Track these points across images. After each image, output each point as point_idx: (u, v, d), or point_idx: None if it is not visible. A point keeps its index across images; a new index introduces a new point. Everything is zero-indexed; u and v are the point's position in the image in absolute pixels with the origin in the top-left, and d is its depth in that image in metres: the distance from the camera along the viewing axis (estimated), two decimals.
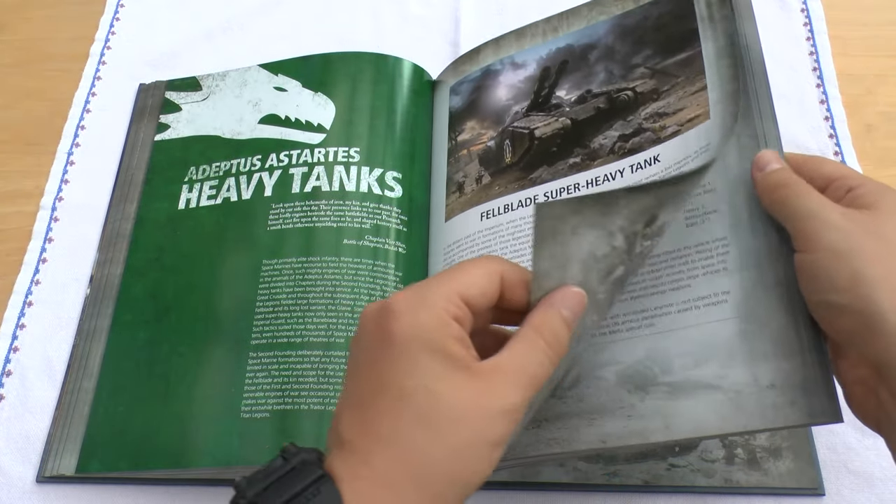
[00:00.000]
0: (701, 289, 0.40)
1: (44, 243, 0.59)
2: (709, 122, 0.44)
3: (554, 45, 0.54)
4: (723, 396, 0.38)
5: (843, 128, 0.60)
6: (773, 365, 0.37)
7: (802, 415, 0.36)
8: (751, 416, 0.37)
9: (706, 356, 0.39)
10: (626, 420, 0.40)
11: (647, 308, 0.42)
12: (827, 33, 0.64)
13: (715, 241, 0.41)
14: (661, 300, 0.41)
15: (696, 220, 0.42)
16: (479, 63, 0.57)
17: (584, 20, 0.53)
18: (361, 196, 0.54)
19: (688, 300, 0.41)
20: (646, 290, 0.42)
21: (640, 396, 0.40)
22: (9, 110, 0.66)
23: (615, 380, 0.41)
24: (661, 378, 0.40)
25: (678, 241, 0.42)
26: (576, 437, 0.40)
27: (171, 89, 0.64)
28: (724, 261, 0.40)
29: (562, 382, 0.42)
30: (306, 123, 0.58)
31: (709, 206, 0.42)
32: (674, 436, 0.38)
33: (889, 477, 0.48)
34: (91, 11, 0.71)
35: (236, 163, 0.58)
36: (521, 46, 0.55)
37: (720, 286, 0.40)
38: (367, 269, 0.51)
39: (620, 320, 0.42)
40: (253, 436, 0.47)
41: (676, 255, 0.42)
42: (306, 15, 0.70)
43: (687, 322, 0.40)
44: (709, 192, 0.42)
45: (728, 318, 0.39)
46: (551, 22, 0.55)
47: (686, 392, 0.39)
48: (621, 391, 0.40)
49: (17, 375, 0.54)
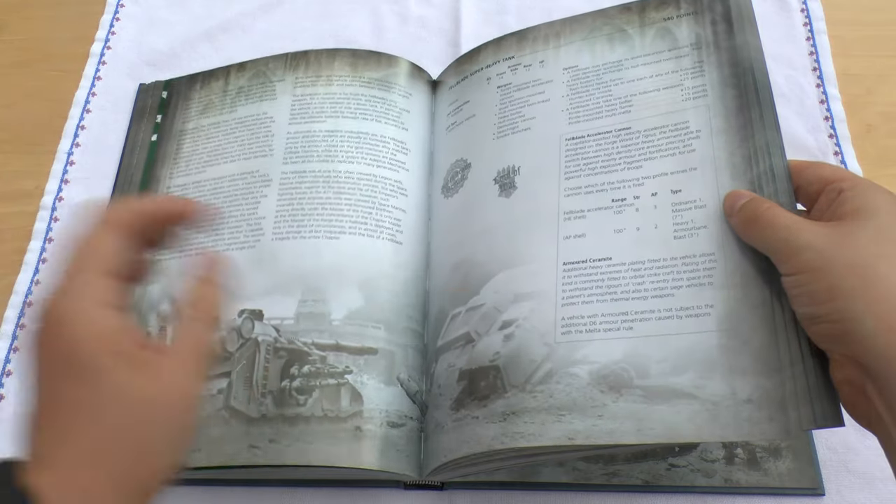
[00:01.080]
0: (684, 299, 0.41)
1: (44, 243, 0.59)
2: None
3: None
4: (699, 406, 0.38)
5: (843, 128, 0.60)
6: (753, 381, 0.38)
7: (779, 430, 0.37)
8: (725, 428, 0.37)
9: (685, 365, 0.39)
10: (596, 419, 0.40)
11: (627, 311, 0.42)
12: (827, 33, 0.65)
13: (702, 256, 0.42)
14: (643, 305, 0.42)
15: (684, 234, 0.43)
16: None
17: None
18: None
19: (670, 309, 0.41)
20: (627, 293, 0.42)
21: (614, 397, 0.40)
22: (9, 110, 0.66)
23: (588, 378, 0.41)
24: (636, 381, 0.40)
25: (664, 251, 0.43)
26: (543, 432, 0.40)
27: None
28: (711, 275, 0.41)
29: (532, 377, 0.42)
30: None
31: (698, 222, 0.43)
32: (645, 439, 0.38)
33: (889, 477, 0.47)
34: (91, 11, 0.71)
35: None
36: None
37: (704, 299, 0.41)
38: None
39: (599, 321, 0.42)
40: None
41: (662, 265, 0.42)
42: (306, 15, 0.70)
43: (668, 330, 0.41)
44: (700, 208, 0.43)
45: (710, 331, 0.40)
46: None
47: (661, 397, 0.39)
48: (594, 390, 0.40)
49: (17, 375, 0.54)
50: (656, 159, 0.46)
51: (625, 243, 0.44)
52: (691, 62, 0.48)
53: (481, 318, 0.46)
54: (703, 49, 0.48)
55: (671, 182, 0.45)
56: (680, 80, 0.48)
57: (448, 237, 0.52)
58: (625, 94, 0.49)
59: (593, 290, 0.43)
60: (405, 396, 0.48)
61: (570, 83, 0.52)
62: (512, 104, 0.53)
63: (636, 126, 0.48)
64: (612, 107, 0.49)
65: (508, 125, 0.52)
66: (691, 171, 0.44)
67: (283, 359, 0.49)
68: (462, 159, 0.54)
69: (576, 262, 0.45)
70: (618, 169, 0.47)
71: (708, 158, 0.44)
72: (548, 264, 0.45)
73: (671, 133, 0.46)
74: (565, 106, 0.51)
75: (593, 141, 0.48)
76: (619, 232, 0.44)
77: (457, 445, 0.43)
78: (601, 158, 0.48)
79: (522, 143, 0.51)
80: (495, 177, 0.51)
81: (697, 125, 0.46)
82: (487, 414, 0.42)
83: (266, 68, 0.61)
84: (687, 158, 0.45)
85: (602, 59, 0.52)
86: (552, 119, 0.51)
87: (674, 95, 0.48)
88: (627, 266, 0.43)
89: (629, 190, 0.46)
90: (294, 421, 0.46)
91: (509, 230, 0.48)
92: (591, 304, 0.43)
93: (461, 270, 0.49)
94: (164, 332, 0.52)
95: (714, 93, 0.46)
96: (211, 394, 0.48)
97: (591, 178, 0.47)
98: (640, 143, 0.47)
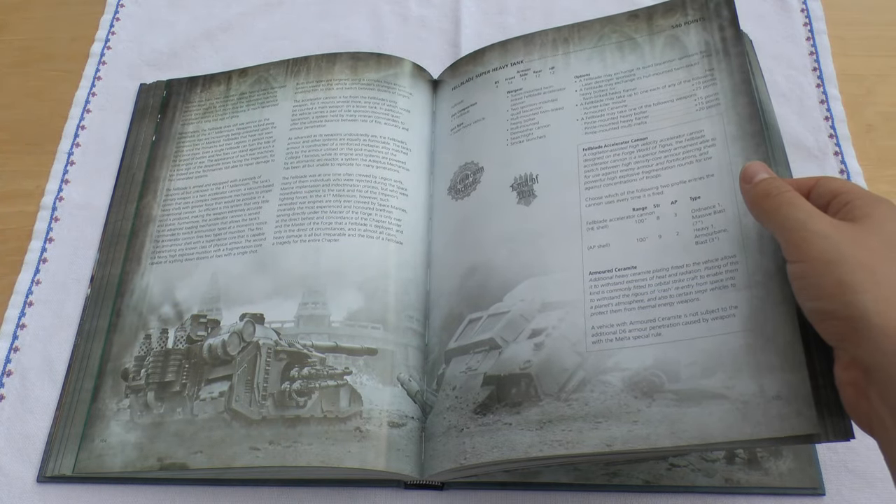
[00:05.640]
0: (709, 303, 0.42)
1: (44, 243, 0.59)
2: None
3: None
4: (730, 405, 0.39)
5: (843, 128, 0.60)
6: (779, 377, 0.38)
7: (809, 425, 0.37)
8: (757, 425, 0.38)
9: (713, 367, 0.40)
10: (631, 425, 0.41)
11: (654, 318, 0.43)
12: (827, 33, 0.65)
13: (724, 259, 0.43)
14: (670, 311, 0.43)
15: (705, 239, 0.44)
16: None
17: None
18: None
19: (696, 313, 0.42)
20: (653, 300, 0.43)
21: (647, 402, 0.41)
22: (9, 110, 0.66)
23: (621, 385, 0.42)
24: (667, 386, 0.41)
25: (687, 257, 0.44)
26: (580, 440, 0.41)
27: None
28: (733, 277, 0.42)
29: (566, 385, 0.42)
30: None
31: (718, 226, 0.44)
32: (679, 442, 0.39)
33: (889, 477, 0.47)
34: (91, 11, 0.71)
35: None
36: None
37: (728, 301, 0.41)
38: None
39: (628, 328, 0.43)
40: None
41: (685, 270, 0.43)
42: (306, 15, 0.70)
43: (695, 333, 0.42)
44: (719, 213, 0.44)
45: (736, 332, 0.41)
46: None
47: (693, 400, 0.40)
48: (628, 397, 0.41)
49: (17, 375, 0.54)
50: (674, 168, 0.47)
51: (648, 251, 0.45)
52: (702, 70, 0.50)
53: (507, 326, 0.47)
54: (713, 56, 0.49)
55: (689, 189, 0.46)
56: (692, 89, 0.49)
57: (458, 239, 0.52)
58: (639, 104, 0.50)
59: (621, 299, 0.44)
60: (406, 396, 0.48)
61: (583, 92, 0.53)
62: (524, 110, 0.54)
63: (652, 136, 0.49)
64: (627, 118, 0.50)
65: (522, 132, 0.53)
66: (709, 178, 0.46)
67: (284, 361, 0.49)
68: (473, 162, 0.54)
69: (602, 272, 0.46)
70: (637, 178, 0.48)
71: (724, 165, 0.46)
72: (574, 274, 0.46)
73: (687, 142, 0.48)
74: (580, 115, 0.52)
75: (611, 151, 0.50)
76: (641, 240, 0.46)
77: (486, 450, 0.44)
78: (620, 168, 0.49)
79: (538, 151, 0.52)
80: (512, 183, 0.51)
81: (713, 133, 0.47)
82: (521, 421, 0.43)
83: (267, 74, 0.61)
84: (704, 166, 0.46)
85: (614, 69, 0.53)
86: (567, 128, 0.52)
87: (688, 106, 0.49)
88: (652, 273, 0.44)
89: (649, 199, 0.47)
90: (294, 422, 0.46)
91: (532, 238, 0.49)
92: (619, 313, 0.44)
93: (478, 275, 0.49)
94: (166, 334, 0.52)
95: (726, 100, 0.48)
96: (213, 396, 0.49)
97: (611, 188, 0.48)
98: (657, 152, 0.48)
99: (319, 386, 0.47)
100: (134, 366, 0.52)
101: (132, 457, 0.48)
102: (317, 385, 0.47)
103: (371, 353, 0.48)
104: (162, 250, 0.55)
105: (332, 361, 0.48)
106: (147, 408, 0.50)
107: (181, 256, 0.55)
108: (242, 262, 0.53)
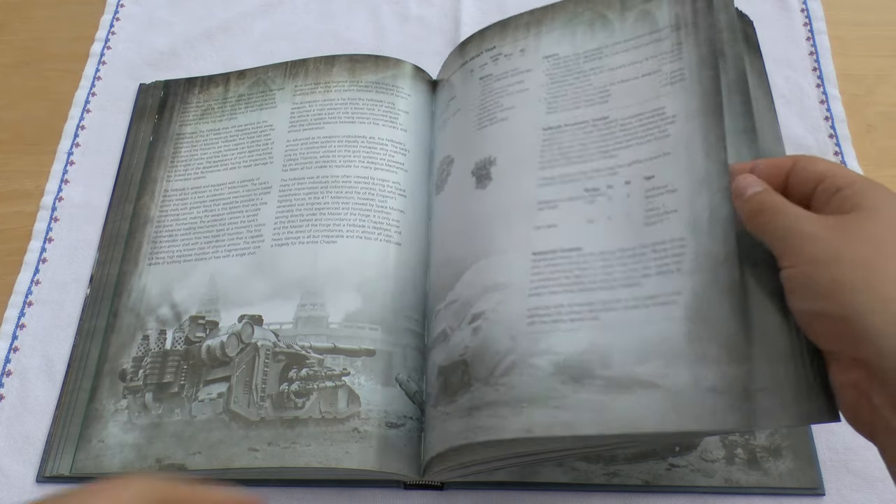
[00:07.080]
0: (652, 287, 0.40)
1: (44, 243, 0.59)
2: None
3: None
4: (661, 395, 0.37)
5: (843, 128, 0.60)
6: (717, 369, 0.36)
7: (741, 421, 0.35)
8: (685, 417, 0.36)
9: (649, 354, 0.38)
10: (555, 410, 0.39)
11: (593, 301, 0.41)
12: (827, 33, 0.64)
13: (672, 241, 0.40)
14: (611, 295, 0.41)
15: (654, 220, 0.41)
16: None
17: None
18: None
19: (638, 297, 0.40)
20: (595, 283, 0.41)
21: (574, 388, 0.39)
22: (9, 110, 0.66)
23: (551, 370, 0.40)
24: (598, 371, 0.39)
25: (635, 239, 0.42)
26: (503, 426, 0.40)
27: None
28: (679, 262, 0.40)
29: (495, 369, 0.41)
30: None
31: (669, 207, 0.41)
32: (604, 430, 0.37)
33: (889, 477, 0.47)
34: (91, 11, 0.71)
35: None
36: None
37: (672, 286, 0.39)
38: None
39: (565, 311, 0.41)
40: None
41: (632, 253, 0.41)
42: (306, 15, 0.70)
43: (634, 319, 0.40)
44: (671, 192, 0.42)
45: (676, 318, 0.38)
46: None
47: (623, 388, 0.38)
48: (555, 381, 0.40)
49: (17, 375, 0.54)
50: (632, 146, 0.45)
51: (596, 233, 0.43)
52: (670, 45, 0.46)
53: (454, 314, 0.46)
54: (682, 30, 0.46)
55: (644, 169, 0.43)
56: (658, 65, 0.46)
57: (437, 234, 0.52)
58: (603, 83, 0.48)
59: (562, 281, 0.42)
60: (404, 397, 0.48)
61: (549, 72, 0.50)
62: (491, 94, 0.52)
63: (614, 115, 0.46)
64: (590, 96, 0.48)
65: (487, 116, 0.51)
66: (664, 157, 0.43)
67: (282, 363, 0.49)
68: (448, 155, 0.53)
69: (545, 252, 0.44)
70: (593, 159, 0.45)
71: (681, 142, 0.43)
72: (519, 255, 0.44)
73: (648, 120, 0.45)
74: (543, 96, 0.49)
75: (570, 131, 0.47)
76: (590, 222, 0.43)
77: (436, 443, 0.43)
78: (576, 148, 0.46)
79: (500, 134, 0.50)
80: (473, 169, 0.50)
81: (674, 110, 0.44)
82: (456, 409, 0.42)
83: (266, 76, 0.61)
84: (661, 144, 0.44)
85: (583, 47, 0.50)
86: (530, 109, 0.49)
87: (652, 82, 0.46)
88: (597, 255, 0.42)
89: (602, 179, 0.44)
90: (292, 424, 0.46)
91: (483, 222, 0.47)
92: (558, 295, 0.42)
93: (446, 267, 0.49)
94: (164, 335, 0.52)
95: (692, 75, 0.44)
96: (211, 398, 0.49)
97: (566, 168, 0.46)
98: (616, 132, 0.46)
99: (318, 387, 0.48)
100: (132, 367, 0.52)
101: (130, 457, 0.48)
102: (315, 386, 0.47)
103: (369, 354, 0.48)
104: (160, 251, 0.56)
105: (331, 362, 0.48)
106: (145, 409, 0.50)
107: (179, 258, 0.55)
108: (241, 263, 0.53)
